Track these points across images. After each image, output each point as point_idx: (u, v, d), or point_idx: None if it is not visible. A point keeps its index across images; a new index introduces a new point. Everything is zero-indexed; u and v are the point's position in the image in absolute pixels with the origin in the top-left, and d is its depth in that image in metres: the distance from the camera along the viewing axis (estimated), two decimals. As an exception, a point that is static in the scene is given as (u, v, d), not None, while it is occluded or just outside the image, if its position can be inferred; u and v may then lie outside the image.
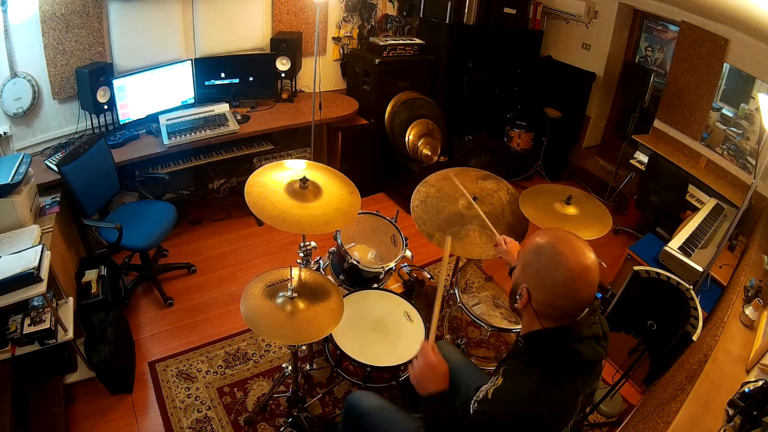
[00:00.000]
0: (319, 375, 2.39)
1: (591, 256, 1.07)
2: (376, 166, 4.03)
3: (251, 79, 3.53)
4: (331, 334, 1.89)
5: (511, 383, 1.13)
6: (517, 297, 1.15)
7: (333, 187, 1.95)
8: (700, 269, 2.40)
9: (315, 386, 2.35)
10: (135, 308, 2.77)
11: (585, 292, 1.07)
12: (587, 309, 1.13)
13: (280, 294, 1.70)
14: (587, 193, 2.28)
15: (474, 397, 1.29)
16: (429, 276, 2.85)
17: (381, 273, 2.30)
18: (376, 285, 2.31)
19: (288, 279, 1.72)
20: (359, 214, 2.43)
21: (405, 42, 3.84)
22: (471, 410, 1.27)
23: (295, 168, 1.98)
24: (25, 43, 2.61)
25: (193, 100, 3.38)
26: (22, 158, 2.28)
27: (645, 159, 3.66)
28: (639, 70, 3.89)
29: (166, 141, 2.93)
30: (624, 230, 3.89)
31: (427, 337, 1.38)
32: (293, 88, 3.74)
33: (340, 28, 3.94)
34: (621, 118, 4.40)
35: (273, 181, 1.88)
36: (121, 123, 3.03)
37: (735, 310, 1.90)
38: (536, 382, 1.08)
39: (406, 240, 2.37)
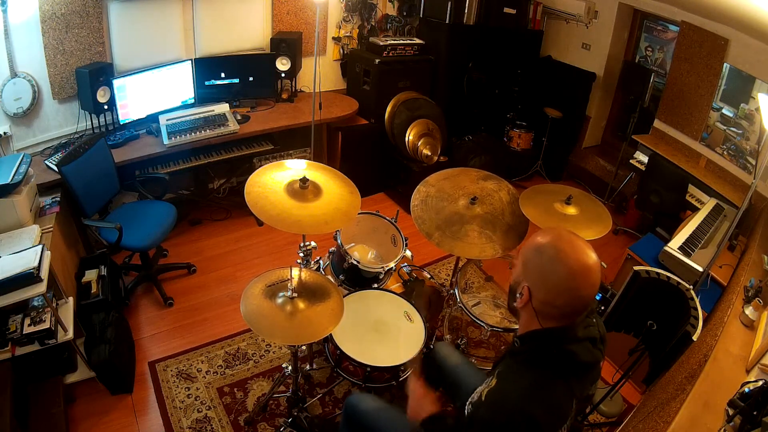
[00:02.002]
0: (319, 375, 2.39)
1: (593, 256, 1.07)
2: (376, 166, 4.03)
3: (251, 79, 3.53)
4: (331, 334, 1.89)
5: (504, 384, 1.13)
6: (518, 296, 1.14)
7: (333, 187, 1.95)
8: (700, 269, 2.40)
9: (315, 386, 2.35)
10: (135, 308, 2.77)
11: (586, 292, 1.06)
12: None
13: (280, 294, 1.70)
14: (587, 192, 2.26)
15: (469, 399, 1.29)
16: (429, 276, 2.85)
17: (381, 273, 2.30)
18: (376, 285, 2.31)
19: (288, 279, 1.72)
20: (359, 214, 2.43)
21: (405, 42, 3.84)
22: (465, 411, 1.27)
23: (295, 168, 1.98)
24: (25, 43, 2.61)
25: (193, 100, 3.38)
26: (22, 158, 2.28)
27: (645, 159, 3.66)
28: (639, 70, 3.89)
29: (166, 141, 2.93)
30: (624, 230, 3.89)
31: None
32: (293, 88, 3.74)
33: (340, 28, 3.94)
34: (621, 118, 4.40)
35: (273, 181, 1.88)
36: (121, 123, 3.03)
37: (735, 310, 1.90)
38: (530, 381, 1.08)
39: (406, 240, 2.37)
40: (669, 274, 2.02)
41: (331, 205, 1.86)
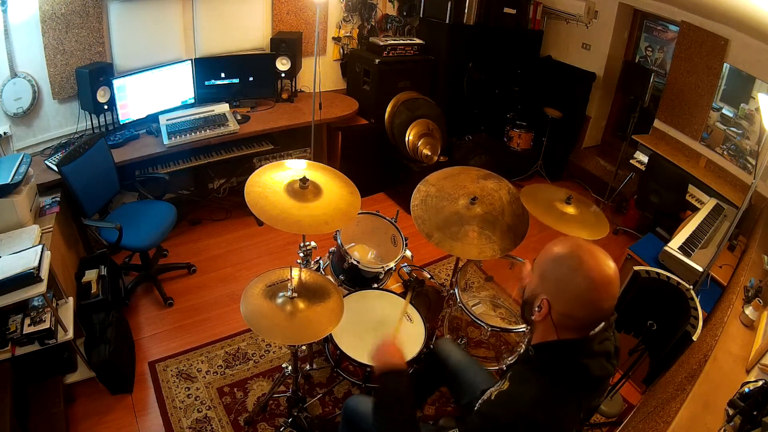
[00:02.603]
0: (319, 375, 2.39)
1: (613, 266, 1.05)
2: (376, 166, 4.03)
3: (251, 79, 3.53)
4: (331, 334, 1.89)
5: (515, 388, 1.13)
6: (536, 309, 1.11)
7: (333, 187, 1.95)
8: (700, 269, 2.40)
9: (315, 386, 2.35)
10: (135, 308, 2.77)
11: (606, 304, 1.05)
12: (603, 323, 1.10)
13: (280, 294, 1.70)
14: (585, 198, 2.24)
15: (480, 399, 1.29)
16: (429, 276, 2.85)
17: (381, 273, 2.30)
18: (376, 285, 2.31)
19: (288, 279, 1.72)
20: (359, 214, 2.43)
21: (405, 42, 3.84)
22: (475, 409, 1.27)
23: (295, 168, 1.97)
24: (25, 43, 2.61)
25: (193, 100, 3.38)
26: (22, 158, 2.28)
27: (645, 159, 3.66)
28: (639, 70, 3.89)
29: (166, 141, 2.93)
30: (624, 230, 3.89)
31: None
32: (293, 88, 3.74)
33: (340, 28, 3.95)
34: (621, 118, 4.40)
35: (273, 181, 1.87)
36: (121, 123, 3.03)
37: (735, 310, 1.90)
38: (540, 390, 1.08)
39: (406, 240, 2.37)
40: (669, 274, 2.02)
41: (331, 205, 1.86)
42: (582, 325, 1.08)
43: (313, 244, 2.25)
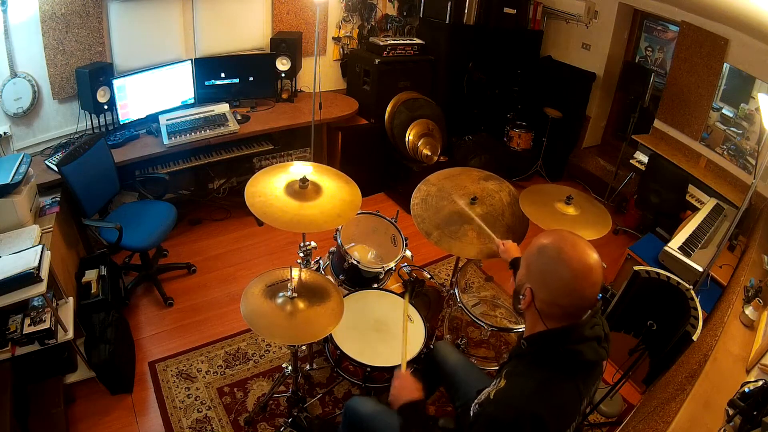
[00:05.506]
0: (319, 375, 2.39)
1: (594, 256, 1.08)
2: (376, 166, 4.03)
3: (251, 79, 3.53)
4: (331, 334, 1.89)
5: (513, 384, 1.13)
6: (521, 297, 1.15)
7: (333, 187, 1.95)
8: (700, 269, 2.40)
9: (315, 386, 2.35)
10: (135, 308, 2.77)
11: (588, 291, 1.07)
12: (590, 310, 1.13)
13: (280, 294, 1.70)
14: (587, 194, 2.26)
15: (475, 400, 1.29)
16: (429, 276, 2.85)
17: (381, 273, 2.30)
18: (376, 285, 2.31)
19: (288, 279, 1.72)
20: (359, 214, 2.44)
21: (405, 42, 3.84)
22: (471, 412, 1.27)
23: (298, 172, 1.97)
24: (25, 43, 2.61)
25: (193, 100, 3.38)
26: (22, 158, 2.28)
27: (645, 159, 3.66)
28: (639, 70, 3.89)
29: (166, 141, 2.93)
30: (624, 230, 3.89)
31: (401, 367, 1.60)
32: (293, 88, 3.74)
33: (340, 28, 3.95)
34: (621, 118, 4.40)
35: (273, 184, 1.87)
36: (121, 123, 3.03)
37: (735, 310, 1.90)
38: (538, 382, 1.09)
39: (406, 240, 2.37)
40: (669, 274, 2.02)
41: (332, 203, 1.86)
42: (566, 314, 1.10)
43: (313, 244, 2.25)
